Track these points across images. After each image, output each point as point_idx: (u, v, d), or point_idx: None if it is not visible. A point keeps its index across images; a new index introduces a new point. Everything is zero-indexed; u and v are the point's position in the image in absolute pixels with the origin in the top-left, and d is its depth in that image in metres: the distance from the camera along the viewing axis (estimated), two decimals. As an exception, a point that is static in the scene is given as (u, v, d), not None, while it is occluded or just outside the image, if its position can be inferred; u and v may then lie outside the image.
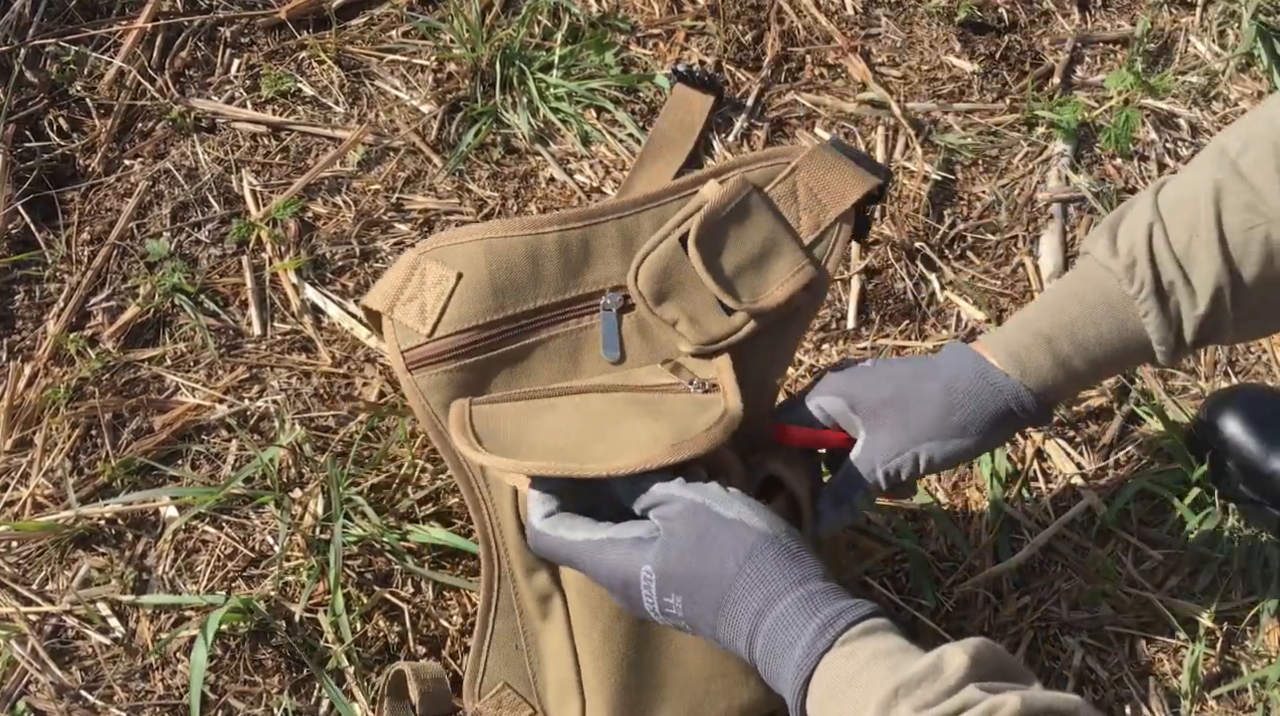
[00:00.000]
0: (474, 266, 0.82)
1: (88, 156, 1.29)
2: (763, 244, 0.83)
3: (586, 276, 0.84)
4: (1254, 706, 1.06)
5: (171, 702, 1.01)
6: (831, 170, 0.85)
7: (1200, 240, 0.74)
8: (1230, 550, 1.12)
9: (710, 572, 0.66)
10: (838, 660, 0.62)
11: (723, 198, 0.82)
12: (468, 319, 0.82)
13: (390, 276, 0.83)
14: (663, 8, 1.43)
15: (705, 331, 0.83)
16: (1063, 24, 1.48)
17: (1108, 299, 0.78)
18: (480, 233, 0.83)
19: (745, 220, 0.83)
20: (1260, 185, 0.73)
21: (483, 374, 0.83)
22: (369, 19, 1.41)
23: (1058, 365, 0.79)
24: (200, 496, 1.08)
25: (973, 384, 0.80)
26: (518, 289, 0.83)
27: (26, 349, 1.18)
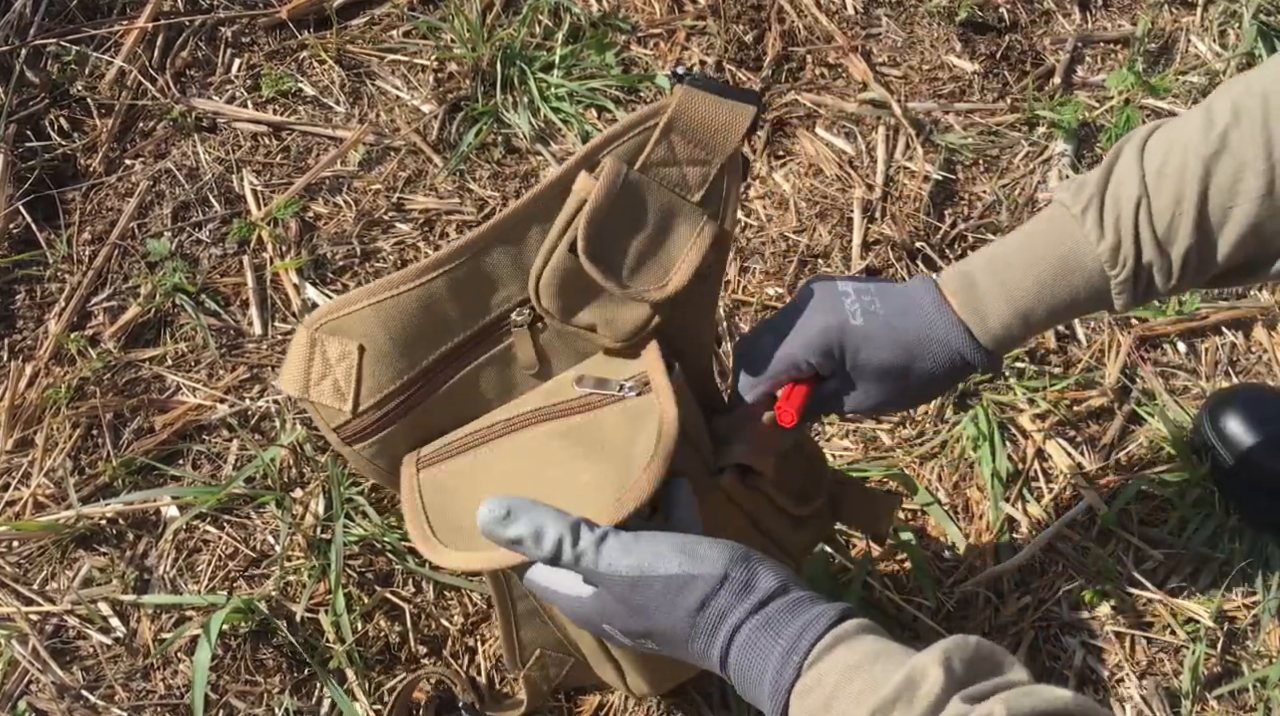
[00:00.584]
0: (371, 333, 0.79)
1: (89, 156, 1.29)
2: (656, 222, 0.78)
3: (490, 302, 0.81)
4: (1254, 706, 1.06)
5: (172, 702, 1.01)
6: (705, 113, 0.78)
7: (1182, 218, 0.74)
8: (1230, 550, 1.12)
9: (669, 629, 0.65)
10: (808, 687, 0.61)
11: (601, 193, 0.76)
12: (385, 386, 0.80)
13: (293, 357, 0.81)
14: (663, 7, 1.43)
15: (622, 329, 0.79)
16: (1063, 24, 1.48)
17: (1089, 277, 0.77)
18: (365, 297, 0.80)
19: (630, 205, 0.77)
20: (1246, 162, 0.72)
21: (423, 420, 0.82)
22: (370, 19, 1.41)
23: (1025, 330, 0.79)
24: (201, 496, 1.08)
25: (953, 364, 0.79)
26: (424, 340, 0.80)
27: (28, 348, 1.18)
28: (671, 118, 0.77)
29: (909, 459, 1.16)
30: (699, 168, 0.79)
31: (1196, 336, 1.26)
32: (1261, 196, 0.72)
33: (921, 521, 1.13)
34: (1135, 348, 1.24)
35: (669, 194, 0.78)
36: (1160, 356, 1.25)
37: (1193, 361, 1.25)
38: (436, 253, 0.81)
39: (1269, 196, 0.72)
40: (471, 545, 0.74)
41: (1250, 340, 1.27)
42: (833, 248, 1.28)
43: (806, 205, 1.31)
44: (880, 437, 1.18)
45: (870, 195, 1.31)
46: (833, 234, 1.29)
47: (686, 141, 0.78)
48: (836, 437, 1.17)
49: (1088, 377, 1.21)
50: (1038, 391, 1.19)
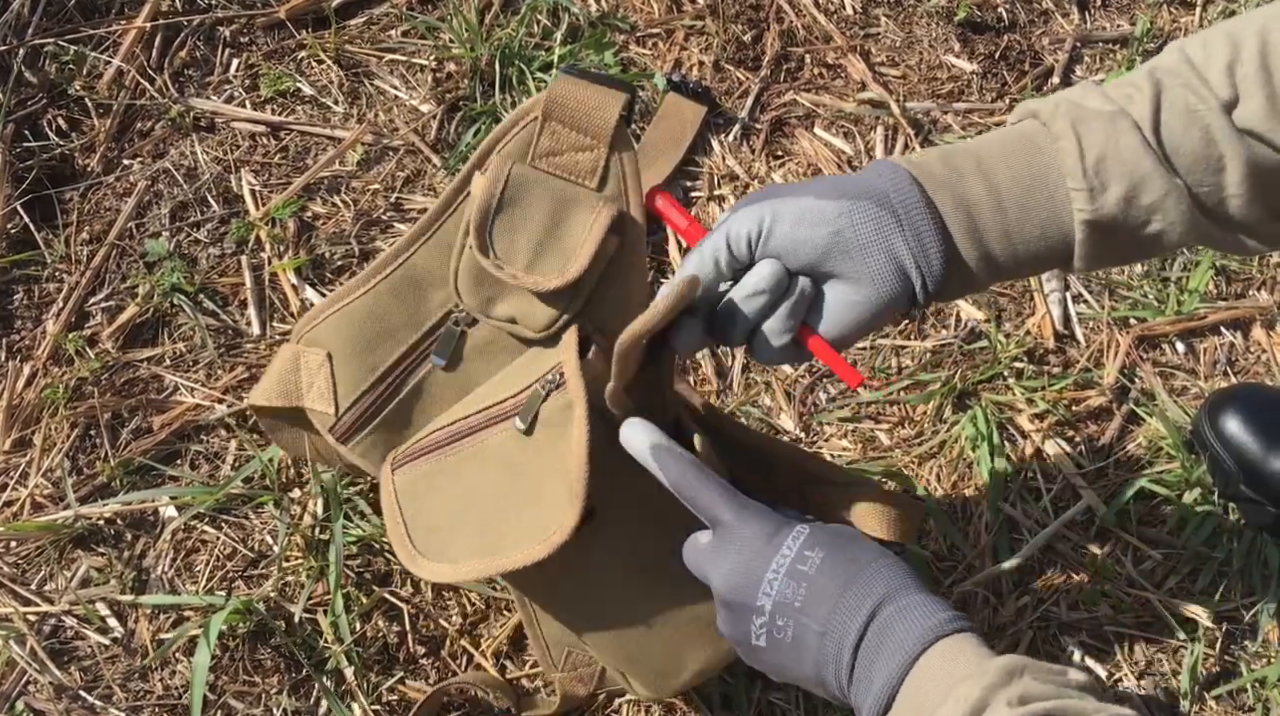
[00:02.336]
0: (336, 340, 0.86)
1: (87, 156, 1.29)
2: (549, 212, 0.79)
3: (431, 304, 0.85)
4: (1253, 706, 1.06)
5: (170, 703, 1.01)
6: (578, 99, 0.79)
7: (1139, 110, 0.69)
8: (1230, 550, 1.12)
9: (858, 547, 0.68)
10: (963, 641, 0.63)
11: (484, 191, 0.79)
12: (357, 387, 0.86)
13: (279, 372, 0.88)
14: (662, 7, 1.43)
15: (538, 321, 0.81)
16: (1062, 23, 1.48)
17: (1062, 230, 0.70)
18: (328, 305, 0.86)
19: (520, 198, 0.80)
20: (1207, 75, 0.68)
21: (399, 418, 0.87)
22: (368, 18, 1.41)
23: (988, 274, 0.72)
24: (199, 496, 1.08)
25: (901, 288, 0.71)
26: (379, 344, 0.86)
27: (25, 348, 1.18)
28: (546, 107, 0.80)
29: (908, 459, 1.16)
30: (588, 153, 0.80)
31: (1195, 336, 1.26)
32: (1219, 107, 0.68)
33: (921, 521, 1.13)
34: (1134, 347, 1.24)
35: (563, 183, 0.80)
36: (1159, 356, 1.25)
37: (1191, 361, 1.25)
38: (377, 258, 0.85)
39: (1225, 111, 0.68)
40: (446, 555, 0.80)
41: (1249, 340, 1.27)
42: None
43: (805, 205, 1.30)
44: (879, 437, 1.17)
45: (869, 195, 1.31)
46: (831, 234, 1.29)
47: (567, 128, 0.80)
48: (835, 437, 1.17)
49: (1086, 377, 1.21)
50: (1036, 391, 1.19)
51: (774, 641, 0.68)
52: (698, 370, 1.19)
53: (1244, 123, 0.68)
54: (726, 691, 1.03)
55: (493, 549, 0.79)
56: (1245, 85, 0.68)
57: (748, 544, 0.69)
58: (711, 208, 1.30)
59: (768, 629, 0.68)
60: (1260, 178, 0.69)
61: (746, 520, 0.70)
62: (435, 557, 0.81)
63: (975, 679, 0.59)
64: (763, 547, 0.69)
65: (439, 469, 0.84)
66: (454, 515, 0.82)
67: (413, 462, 0.85)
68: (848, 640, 0.65)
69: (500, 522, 0.80)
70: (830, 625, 0.65)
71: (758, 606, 0.68)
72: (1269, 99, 0.67)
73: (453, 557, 0.80)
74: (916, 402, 1.19)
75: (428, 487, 0.84)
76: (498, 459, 0.81)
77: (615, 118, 0.79)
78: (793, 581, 0.67)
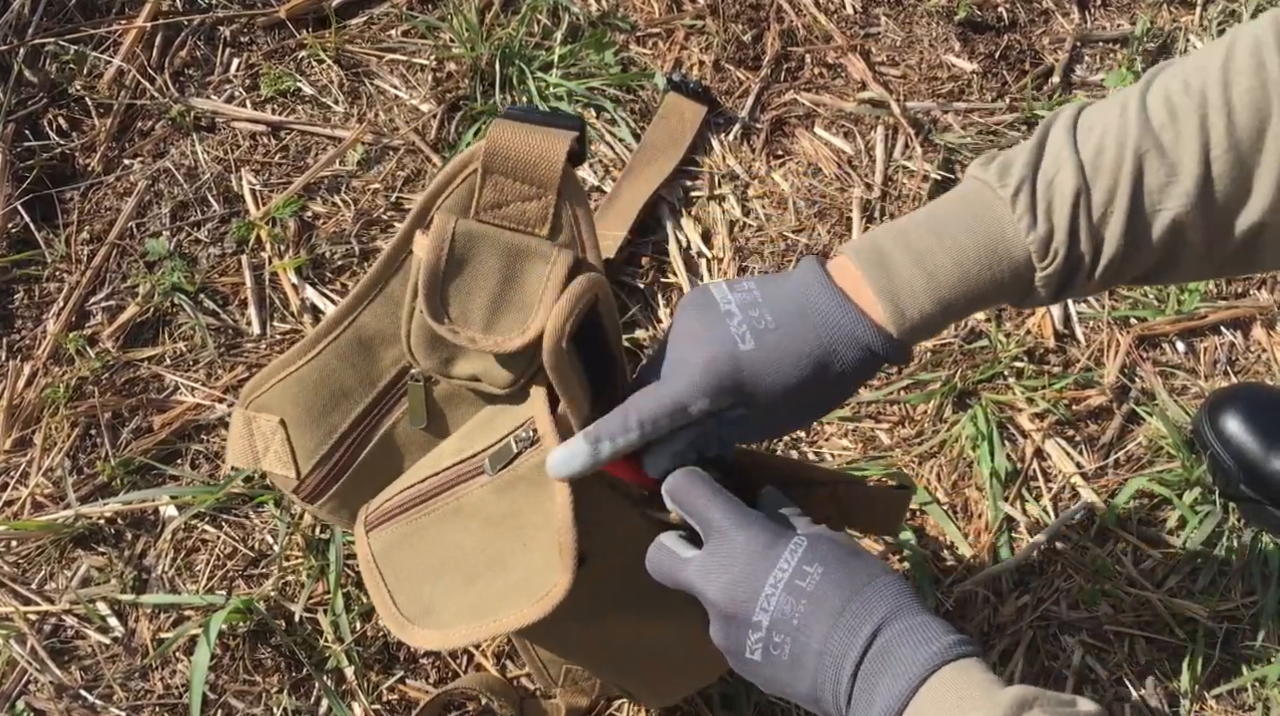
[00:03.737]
0: (288, 406, 0.83)
1: (87, 155, 1.29)
2: (502, 267, 0.75)
3: (383, 364, 0.82)
4: (1253, 706, 1.06)
5: (171, 702, 1.01)
6: (518, 147, 0.74)
7: (1114, 214, 0.70)
8: (1230, 550, 1.12)
9: (860, 561, 0.66)
10: (968, 667, 0.61)
11: (430, 252, 0.75)
12: (315, 452, 0.84)
13: (236, 436, 0.86)
14: (662, 7, 1.43)
15: (502, 378, 0.78)
16: (1062, 23, 1.48)
17: (1015, 267, 0.70)
18: (278, 370, 0.83)
19: (469, 256, 0.75)
20: (1180, 164, 0.69)
21: (367, 475, 0.85)
22: (368, 18, 1.41)
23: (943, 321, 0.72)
24: (200, 496, 1.08)
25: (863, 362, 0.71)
26: (334, 406, 0.83)
27: (26, 348, 1.18)
28: (486, 159, 0.75)
29: (908, 458, 1.16)
30: (535, 202, 0.75)
31: (1195, 336, 1.26)
32: (1192, 201, 0.69)
33: (920, 521, 1.13)
34: (1134, 347, 1.24)
35: (514, 235, 0.75)
36: (1159, 356, 1.25)
37: (1192, 361, 1.25)
38: (320, 323, 0.82)
39: (1199, 201, 0.69)
40: (435, 620, 0.78)
41: (1249, 339, 1.27)
42: (832, 247, 1.28)
43: (805, 205, 1.31)
44: (879, 437, 1.17)
45: (869, 195, 1.31)
46: (832, 233, 1.29)
47: (510, 178, 0.75)
48: (835, 437, 1.17)
49: (1087, 377, 1.21)
50: (1037, 391, 1.19)
51: (769, 657, 0.65)
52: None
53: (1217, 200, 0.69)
54: (726, 691, 1.03)
55: (483, 610, 0.76)
56: (1217, 167, 0.68)
57: (743, 555, 0.66)
58: (712, 207, 1.30)
59: (764, 644, 0.65)
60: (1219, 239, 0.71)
61: (743, 527, 0.67)
62: (424, 623, 0.78)
63: (986, 711, 0.58)
64: (759, 560, 0.66)
65: (415, 529, 0.81)
66: (438, 576, 0.79)
67: (387, 523, 0.83)
68: (847, 661, 0.62)
69: (488, 581, 0.77)
70: (829, 644, 0.63)
71: (754, 621, 0.65)
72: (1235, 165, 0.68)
73: (443, 622, 0.77)
74: (917, 402, 1.19)
75: (406, 549, 0.81)
76: (476, 515, 0.78)
77: (560, 162, 0.74)
78: (791, 597, 0.64)
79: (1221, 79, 0.68)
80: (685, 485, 0.70)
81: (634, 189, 1.27)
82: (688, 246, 1.27)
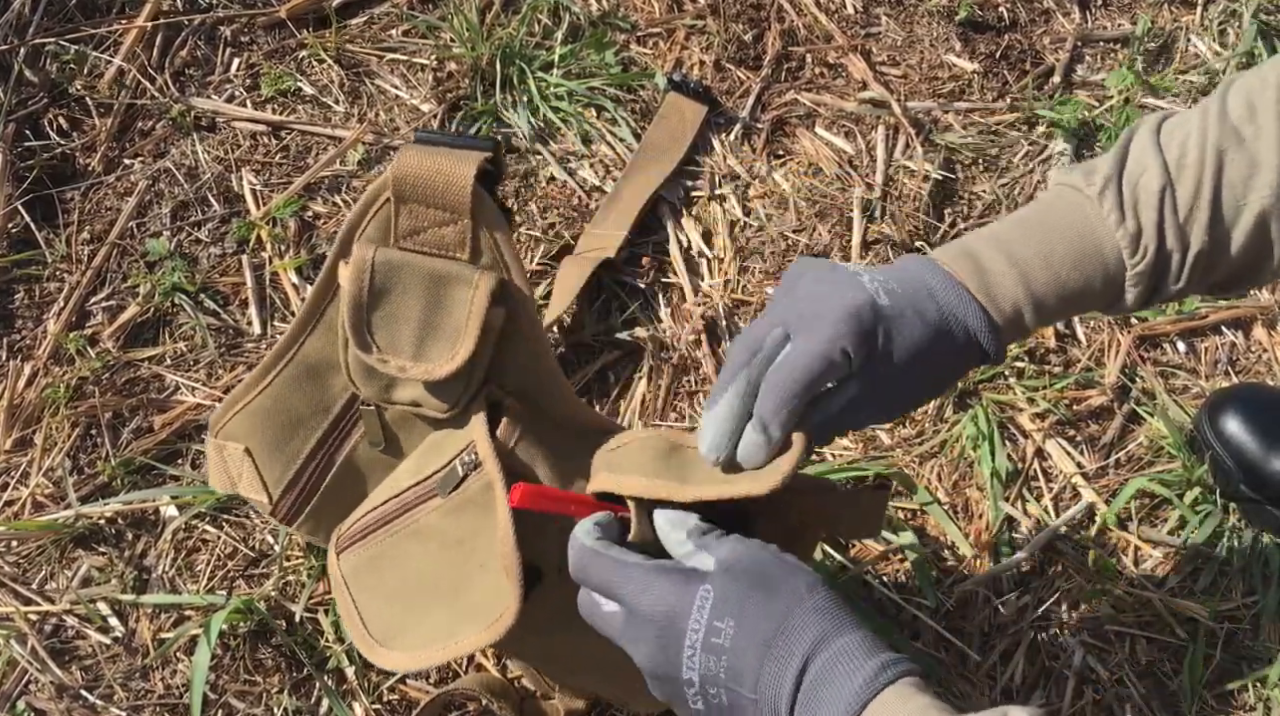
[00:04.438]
0: (250, 435, 0.84)
1: (88, 155, 1.29)
2: (425, 293, 0.75)
3: (333, 390, 0.82)
4: (1254, 706, 1.06)
5: (171, 702, 1.01)
6: (425, 172, 0.74)
7: (1199, 211, 0.72)
8: (1230, 550, 1.12)
9: (773, 601, 0.62)
10: (894, 698, 0.59)
11: (352, 283, 0.75)
12: (281, 478, 0.85)
13: (212, 462, 0.87)
14: (663, 7, 1.43)
15: (439, 404, 0.78)
16: (1063, 23, 1.48)
17: (1106, 266, 0.72)
18: (239, 398, 0.84)
19: (392, 284, 0.75)
20: (1259, 158, 0.71)
21: (336, 497, 0.86)
22: (369, 18, 1.41)
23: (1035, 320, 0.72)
24: (200, 495, 1.08)
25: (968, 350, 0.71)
26: (292, 434, 0.84)
27: (26, 348, 1.18)
28: (396, 186, 0.74)
29: (908, 458, 1.16)
30: (451, 227, 0.75)
31: (1196, 336, 1.26)
32: (1274, 192, 0.71)
33: (921, 521, 1.13)
34: (1135, 347, 1.23)
35: (434, 261, 0.75)
36: (1160, 356, 1.25)
37: (1192, 361, 1.25)
38: (267, 353, 0.83)
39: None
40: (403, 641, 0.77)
41: (1250, 339, 1.27)
42: (832, 247, 1.28)
43: (806, 204, 1.31)
44: (879, 437, 1.17)
45: (870, 194, 1.31)
46: (832, 233, 1.29)
47: (426, 205, 0.74)
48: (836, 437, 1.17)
49: (1087, 377, 1.21)
50: (1037, 390, 1.19)
51: (710, 705, 0.64)
52: (698, 369, 1.19)
53: None
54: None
55: (445, 632, 0.75)
56: None
57: (653, 625, 0.64)
58: (713, 207, 1.30)
59: (702, 697, 0.64)
60: None
61: (646, 592, 0.64)
62: (392, 645, 0.78)
63: None
64: (669, 626, 0.63)
65: (380, 552, 0.81)
66: (404, 597, 0.79)
67: (355, 546, 0.83)
68: (781, 706, 0.61)
69: (449, 602, 0.77)
70: (760, 691, 0.61)
71: (685, 679, 0.64)
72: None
73: (409, 645, 0.77)
74: (917, 402, 1.19)
75: (373, 571, 0.81)
76: (434, 537, 0.78)
77: (469, 185, 0.73)
78: (711, 655, 0.62)
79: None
80: (582, 565, 0.67)
81: (634, 189, 1.27)
82: (688, 246, 1.27)
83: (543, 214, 1.27)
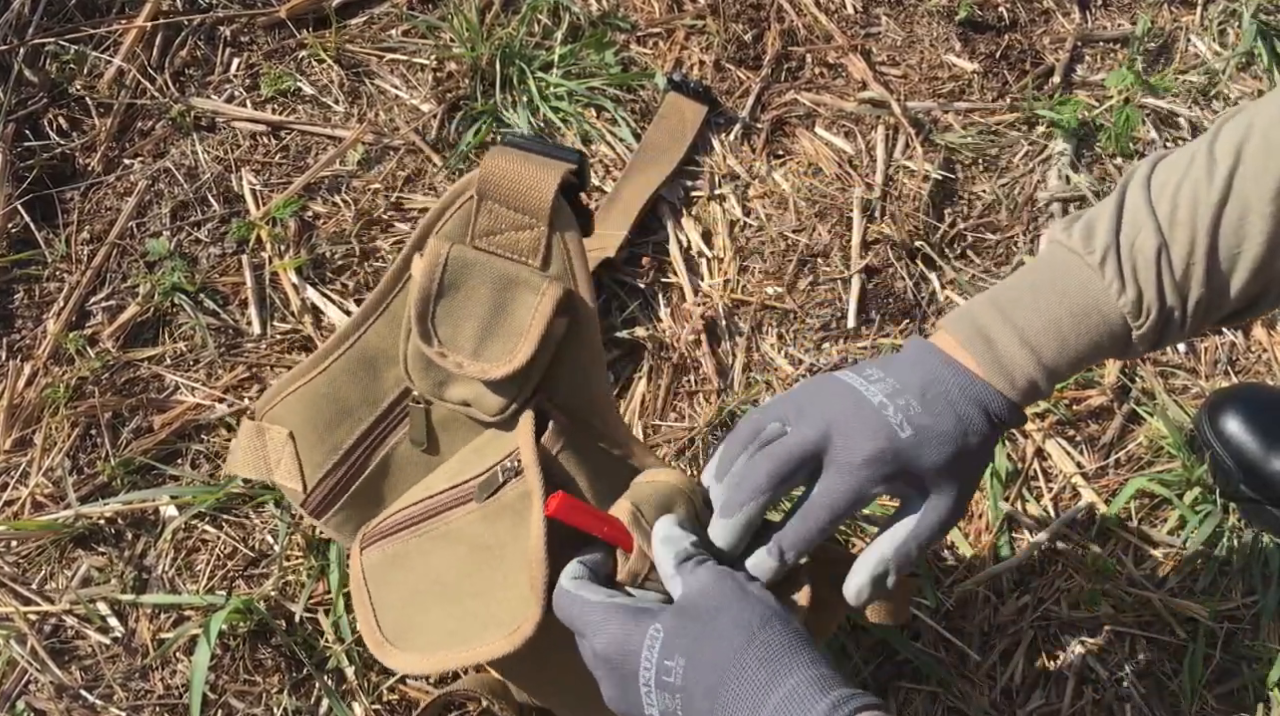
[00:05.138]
0: (296, 419, 0.84)
1: (87, 155, 1.29)
2: (493, 294, 0.75)
3: (385, 383, 0.83)
4: (1254, 706, 1.06)
5: (171, 702, 1.01)
6: (512, 176, 0.75)
7: (1196, 266, 0.73)
8: (1230, 550, 1.12)
9: (722, 639, 0.64)
10: None
11: (423, 276, 0.76)
12: (321, 466, 0.85)
13: (246, 446, 0.86)
14: (663, 7, 1.43)
15: (490, 406, 0.78)
16: (1063, 23, 1.48)
17: (1111, 328, 0.74)
18: (290, 382, 0.84)
19: (461, 281, 0.76)
20: (1250, 204, 0.72)
21: (368, 494, 0.86)
22: (369, 18, 1.41)
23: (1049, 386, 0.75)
24: (200, 495, 1.08)
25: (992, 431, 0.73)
26: (339, 422, 0.84)
27: (26, 348, 1.18)
28: (481, 186, 0.75)
29: (908, 458, 1.16)
30: (528, 232, 0.76)
31: (1196, 336, 1.26)
32: (1268, 237, 0.72)
33: (921, 521, 1.13)
34: (1135, 347, 1.23)
35: (506, 263, 0.76)
36: (1160, 355, 1.24)
37: (1192, 361, 1.25)
38: (329, 338, 0.83)
39: (1275, 236, 0.71)
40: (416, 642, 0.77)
41: (1250, 339, 1.27)
42: (832, 247, 1.28)
43: (806, 204, 1.31)
44: (879, 437, 1.17)
45: (870, 194, 1.31)
46: (832, 233, 1.29)
47: (504, 207, 0.75)
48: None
49: (1087, 377, 1.21)
50: (1037, 391, 1.19)
51: None
52: (698, 369, 1.19)
53: None
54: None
55: (463, 636, 0.75)
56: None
57: (608, 660, 0.66)
58: (713, 207, 1.30)
59: None
60: None
61: (599, 630, 0.67)
62: (404, 646, 0.78)
63: None
64: (623, 662, 0.66)
65: (406, 550, 0.81)
66: (423, 597, 0.79)
67: (380, 542, 0.83)
68: None
69: (471, 606, 0.77)
70: None
71: (648, 715, 0.66)
72: None
73: (421, 646, 0.77)
74: (917, 402, 1.19)
75: (396, 569, 0.81)
76: (464, 541, 0.79)
77: (551, 193, 0.74)
78: (665, 693, 0.64)
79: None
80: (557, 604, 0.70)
81: (634, 189, 1.27)
82: (688, 246, 1.27)
83: (542, 214, 1.27)
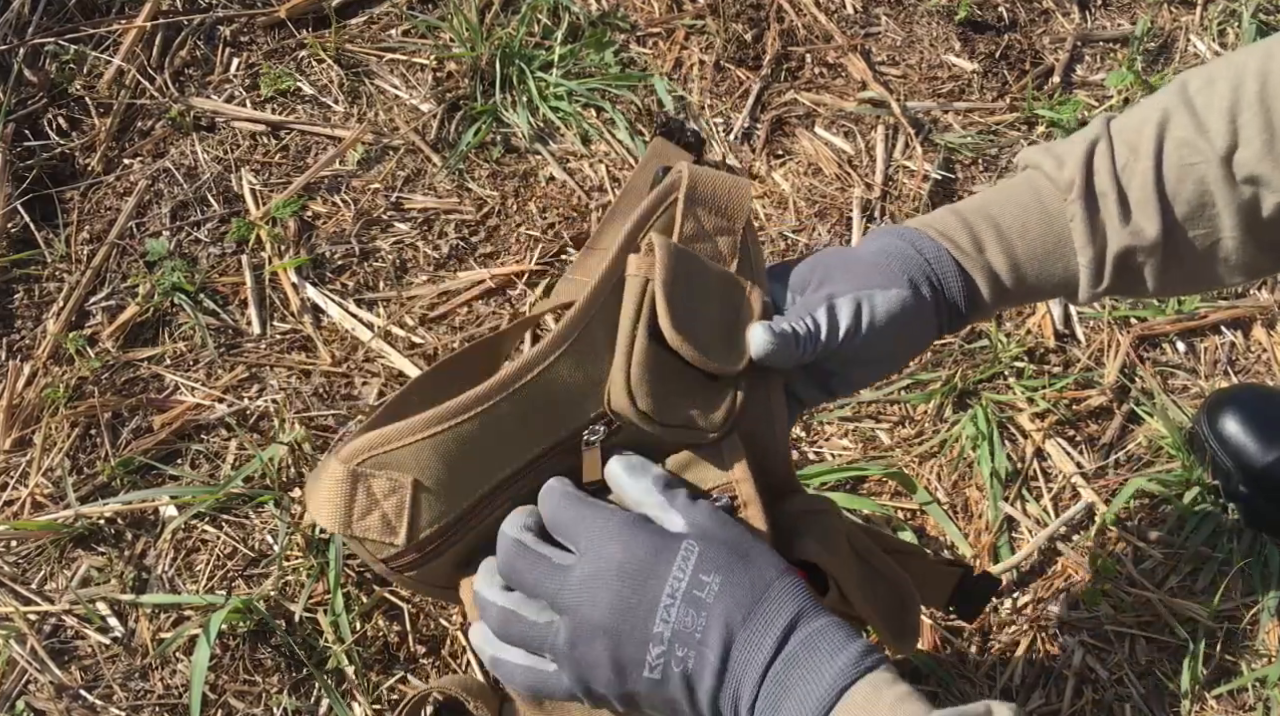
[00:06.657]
0: (426, 466, 0.72)
1: (87, 155, 1.29)
2: (719, 296, 0.74)
3: (562, 420, 0.73)
4: (1254, 706, 1.06)
5: (171, 702, 1.01)
6: (715, 183, 0.76)
7: (1139, 163, 0.72)
8: (1230, 550, 1.12)
9: (754, 566, 0.61)
10: (881, 681, 0.58)
11: (666, 271, 0.72)
12: (446, 515, 0.73)
13: (328, 493, 0.72)
14: (662, 6, 1.43)
15: (717, 416, 0.73)
16: (1063, 23, 1.48)
17: (1040, 198, 0.74)
18: (419, 430, 0.72)
19: (691, 281, 0.73)
20: (1207, 122, 0.71)
21: (479, 542, 0.75)
22: (368, 18, 1.41)
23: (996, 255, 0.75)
24: (200, 496, 1.08)
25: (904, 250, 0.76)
26: (486, 467, 0.73)
27: (26, 348, 1.18)
28: (689, 191, 0.76)
29: (908, 458, 1.16)
30: (727, 237, 0.77)
31: (1195, 336, 1.26)
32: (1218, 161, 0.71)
33: (921, 521, 1.13)
34: (1134, 347, 1.23)
35: (716, 267, 0.76)
36: (1159, 356, 1.25)
37: (1192, 361, 1.25)
38: (499, 373, 0.72)
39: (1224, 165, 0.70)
40: None
41: (1249, 339, 1.27)
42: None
43: (805, 204, 1.31)
44: (879, 437, 1.17)
45: (869, 194, 1.31)
46: (832, 233, 1.29)
47: (709, 212, 0.77)
48: (835, 437, 1.17)
49: (1087, 377, 1.21)
50: (1037, 390, 1.19)
51: (670, 673, 0.59)
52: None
53: (1242, 168, 0.70)
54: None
55: None
56: (1245, 132, 0.69)
57: (631, 565, 0.60)
58: (712, 207, 1.30)
59: (666, 660, 0.59)
60: (1254, 219, 0.72)
61: (624, 541, 0.61)
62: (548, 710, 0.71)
63: None
64: (649, 569, 0.60)
65: None
66: None
67: None
68: (749, 676, 0.58)
69: None
70: (732, 659, 0.58)
71: (655, 634, 0.59)
72: (1266, 144, 0.69)
73: None
74: (917, 402, 1.19)
75: None
76: None
77: (750, 200, 0.77)
78: (692, 609, 0.59)
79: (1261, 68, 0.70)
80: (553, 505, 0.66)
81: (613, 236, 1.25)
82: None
83: (542, 214, 1.27)
